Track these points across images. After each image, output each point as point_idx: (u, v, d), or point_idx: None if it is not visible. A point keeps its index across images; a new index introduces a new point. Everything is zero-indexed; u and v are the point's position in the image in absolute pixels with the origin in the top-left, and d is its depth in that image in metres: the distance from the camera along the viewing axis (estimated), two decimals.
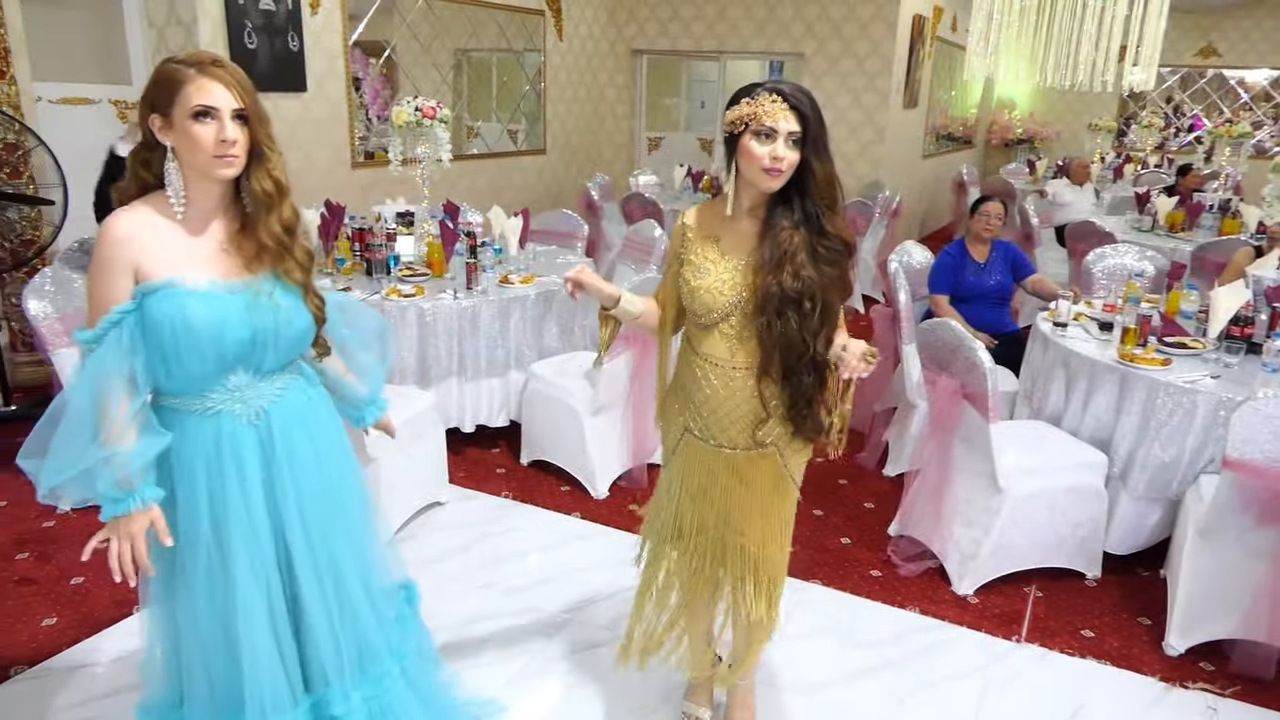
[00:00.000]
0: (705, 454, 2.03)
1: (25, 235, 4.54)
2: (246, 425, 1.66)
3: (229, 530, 1.66)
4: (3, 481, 3.68)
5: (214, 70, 1.55)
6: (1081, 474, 3.11)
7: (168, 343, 1.55)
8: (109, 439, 1.53)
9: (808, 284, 1.83)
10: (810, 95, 1.81)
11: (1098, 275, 4.70)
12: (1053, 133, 13.19)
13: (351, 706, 1.79)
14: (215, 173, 1.57)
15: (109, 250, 1.55)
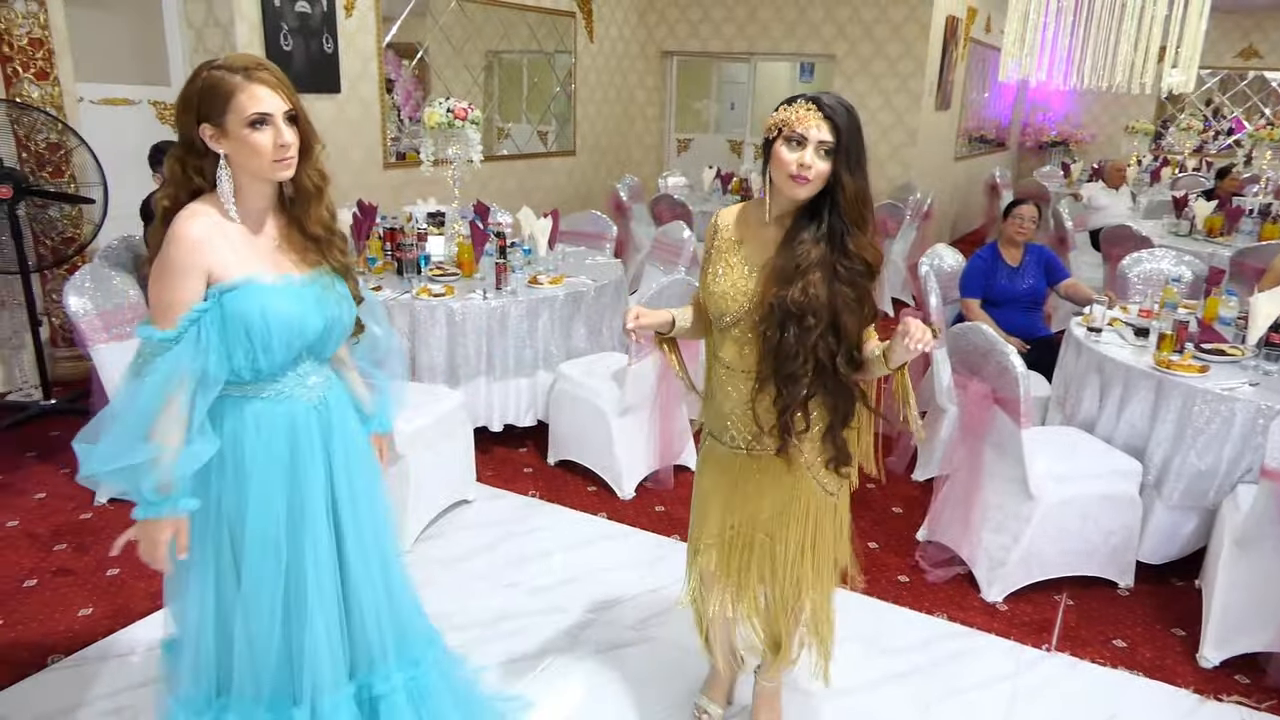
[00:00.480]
0: (723, 455, 2.06)
1: (66, 233, 4.64)
2: (312, 410, 1.74)
3: (303, 513, 1.71)
4: (42, 474, 3.76)
5: (261, 75, 1.57)
6: (1115, 482, 3.06)
7: (255, 335, 1.60)
8: (162, 437, 1.55)
9: (813, 301, 1.80)
10: (850, 109, 1.79)
11: (1133, 280, 4.63)
12: (1088, 135, 13.00)
13: (393, 686, 1.84)
14: (274, 175, 1.62)
15: (182, 254, 1.56)
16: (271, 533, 1.70)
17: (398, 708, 1.85)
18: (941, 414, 3.83)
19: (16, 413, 4.34)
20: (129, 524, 1.66)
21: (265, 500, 1.68)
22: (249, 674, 1.75)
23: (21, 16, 4.39)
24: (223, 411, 1.66)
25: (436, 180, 4.63)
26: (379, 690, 1.84)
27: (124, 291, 3.64)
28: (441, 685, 1.95)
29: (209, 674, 1.77)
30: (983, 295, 4.23)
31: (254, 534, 1.69)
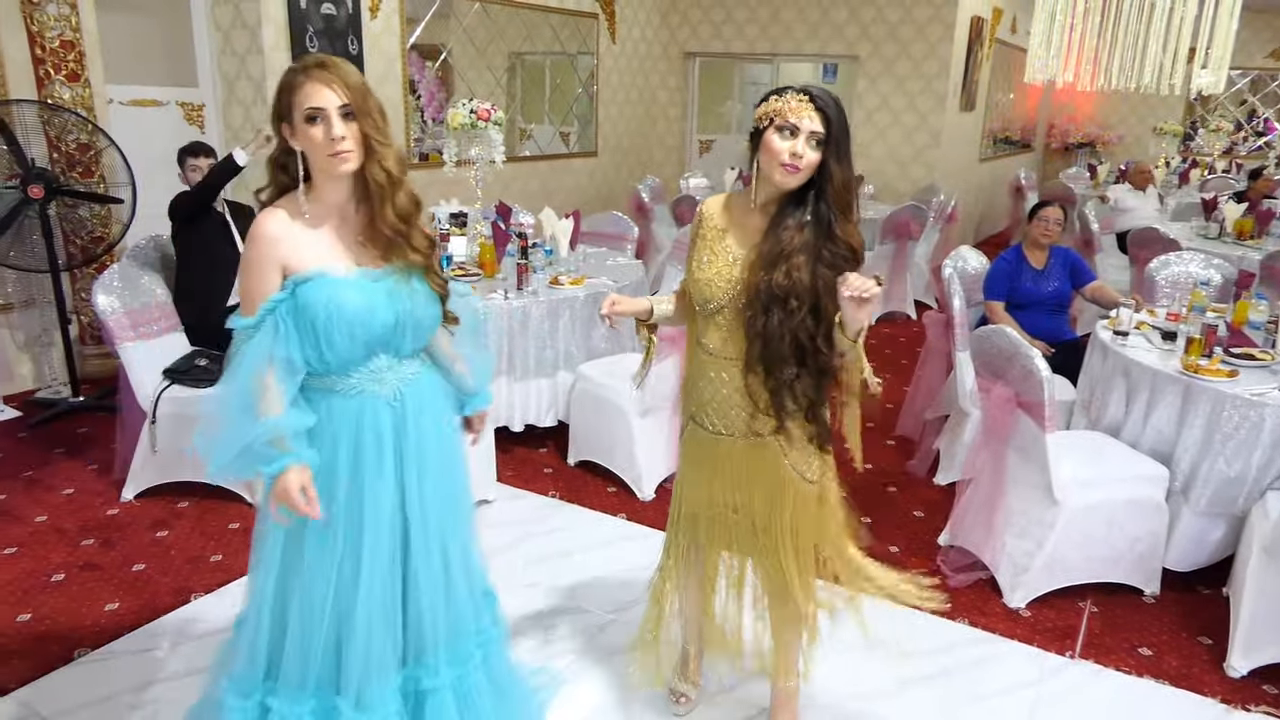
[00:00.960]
0: (707, 441, 2.09)
1: (95, 232, 4.70)
2: (385, 405, 1.77)
3: (363, 503, 1.75)
4: (70, 470, 3.82)
5: (317, 72, 1.64)
6: (1141, 487, 3.03)
7: (321, 326, 1.66)
8: (266, 412, 1.65)
9: (797, 284, 1.85)
10: (838, 101, 1.84)
11: (1161, 283, 4.58)
12: (1115, 136, 12.86)
13: (440, 682, 1.87)
14: (333, 169, 1.67)
15: (259, 249, 1.68)
16: (331, 521, 1.74)
17: (444, 706, 1.87)
18: (964, 418, 3.80)
19: (46, 409, 4.41)
20: (157, 518, 1.70)
21: (326, 490, 1.73)
22: (297, 659, 1.79)
23: (54, 19, 4.47)
24: (308, 402, 1.74)
25: (459, 181, 4.65)
26: (426, 685, 1.86)
27: (151, 290, 3.69)
28: (485, 683, 1.96)
29: (262, 655, 1.82)
30: (1007, 298, 4.19)
31: (314, 522, 1.73)
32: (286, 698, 1.79)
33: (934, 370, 4.29)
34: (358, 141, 1.66)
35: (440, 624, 1.87)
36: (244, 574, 3.06)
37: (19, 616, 2.79)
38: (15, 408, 4.46)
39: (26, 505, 3.51)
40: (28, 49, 4.47)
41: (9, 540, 3.23)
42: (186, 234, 4.06)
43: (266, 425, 1.65)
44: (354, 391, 1.74)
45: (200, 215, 4.05)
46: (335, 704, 1.78)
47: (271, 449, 1.66)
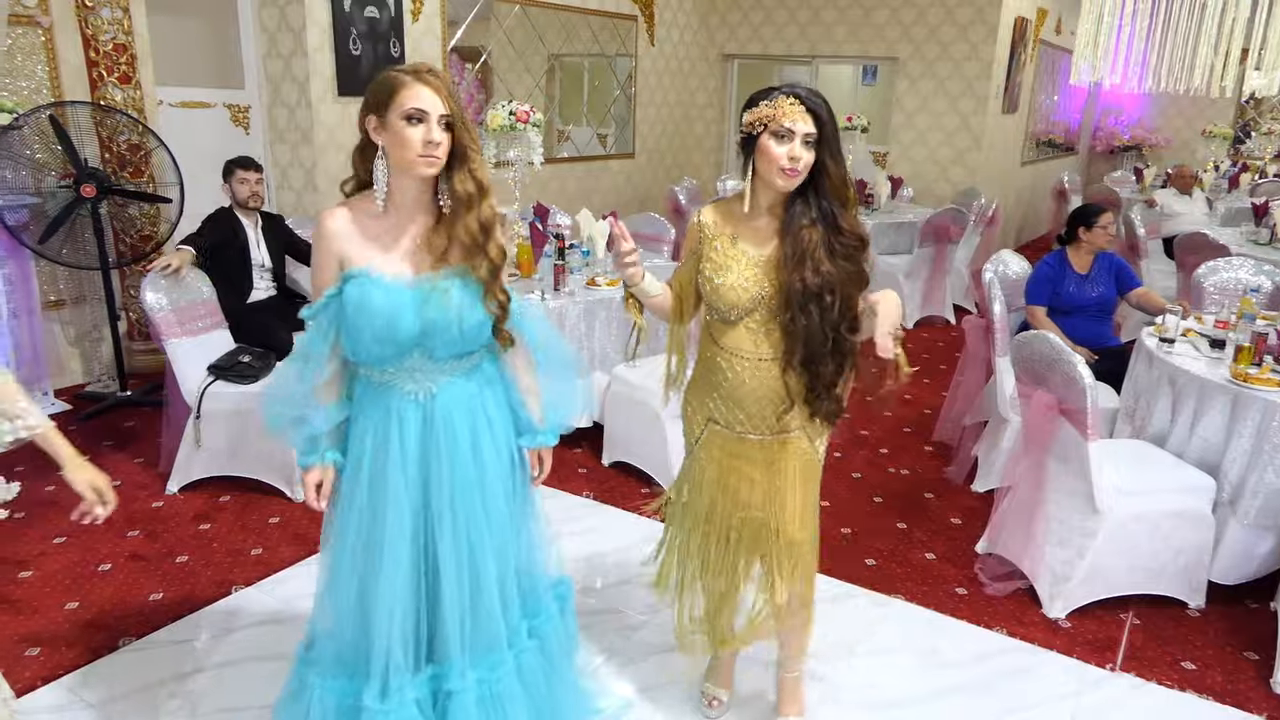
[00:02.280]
0: (730, 442, 2.10)
1: (144, 231, 4.81)
2: (414, 402, 1.81)
3: (384, 495, 1.80)
4: (117, 463, 3.91)
5: (427, 78, 1.70)
6: (1186, 498, 2.96)
7: (351, 320, 1.74)
8: (319, 395, 1.79)
9: (828, 278, 1.90)
10: (824, 98, 1.89)
11: (1209, 290, 4.47)
12: (1163, 139, 12.59)
13: (465, 685, 1.88)
14: (418, 170, 1.71)
15: (321, 244, 1.78)
16: (353, 504, 1.81)
17: (465, 708, 1.88)
18: (1003, 424, 3.75)
19: (95, 403, 4.53)
20: (199, 511, 1.77)
21: (352, 473, 1.82)
22: (330, 640, 1.86)
23: (107, 23, 4.58)
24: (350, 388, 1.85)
25: (497, 182, 4.64)
26: (451, 686, 1.88)
27: (198, 288, 3.77)
28: (518, 691, 1.96)
29: (310, 630, 1.92)
30: (1049, 303, 4.12)
31: (341, 502, 1.83)
32: (322, 673, 1.87)
33: (973, 376, 4.23)
34: (446, 150, 1.71)
35: (465, 628, 1.87)
36: (284, 568, 3.13)
37: (67, 605, 2.86)
38: (65, 401, 4.58)
39: (76, 497, 3.58)
40: (82, 52, 4.59)
41: (58, 530, 3.31)
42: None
43: (310, 420, 1.78)
44: (386, 384, 1.81)
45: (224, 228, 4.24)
46: (360, 688, 1.83)
47: (306, 444, 1.80)
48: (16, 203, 4.21)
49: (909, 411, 4.89)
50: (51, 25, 4.46)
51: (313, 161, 5.52)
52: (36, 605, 2.85)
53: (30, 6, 4.37)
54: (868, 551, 3.37)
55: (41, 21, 4.43)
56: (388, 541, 1.80)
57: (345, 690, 1.85)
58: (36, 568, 3.07)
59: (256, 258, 4.36)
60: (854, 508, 3.71)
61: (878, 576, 3.19)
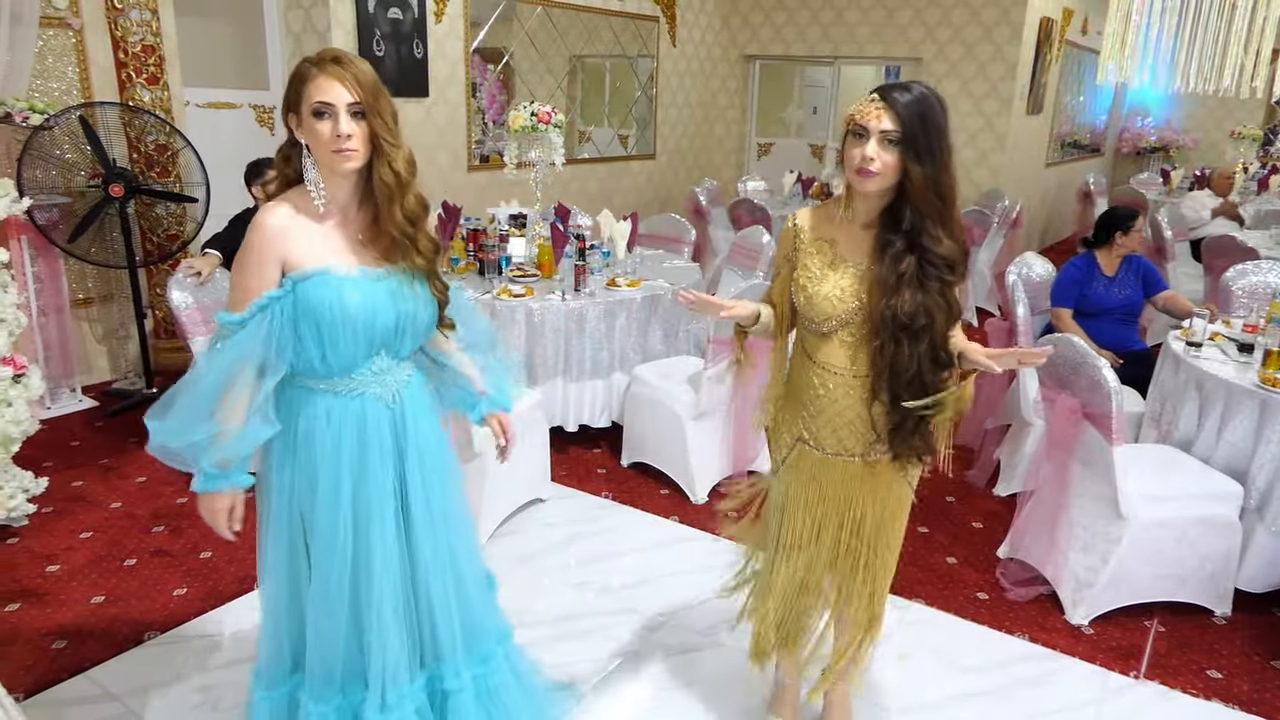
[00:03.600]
0: (818, 463, 1.99)
1: (170, 230, 4.87)
2: (385, 407, 1.76)
3: (369, 508, 1.75)
4: (144, 459, 3.96)
5: (331, 68, 1.61)
6: (1213, 504, 2.92)
7: (325, 325, 1.64)
8: (225, 418, 1.62)
9: (920, 309, 1.79)
10: (922, 97, 1.73)
11: (1237, 293, 4.41)
12: (1190, 140, 12.43)
13: (463, 683, 1.87)
14: (336, 166, 1.63)
15: (259, 242, 1.63)
16: (338, 525, 1.73)
17: (465, 706, 1.88)
18: (1026, 428, 3.71)
19: (121, 400, 4.59)
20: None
21: (332, 493, 1.72)
22: (319, 657, 1.80)
23: (136, 25, 4.64)
24: (297, 402, 1.72)
25: (519, 183, 4.71)
26: (449, 686, 1.87)
27: (224, 288, 3.81)
28: (511, 681, 1.97)
29: (286, 650, 1.84)
30: (1075, 305, 4.07)
31: (321, 525, 1.73)
32: (314, 694, 1.81)
33: (995, 378, 4.18)
34: (364, 141, 1.62)
35: (456, 624, 1.87)
36: None
37: (93, 598, 2.90)
38: (93, 398, 4.65)
39: (102, 492, 3.65)
40: (112, 54, 4.66)
41: (86, 525, 3.36)
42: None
43: (220, 442, 1.62)
44: (355, 393, 1.72)
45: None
46: (359, 699, 1.81)
47: (215, 468, 1.64)
48: (47, 202, 4.28)
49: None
50: (82, 27, 4.53)
51: None
52: (63, 598, 2.89)
53: (61, 9, 4.44)
54: None
55: (72, 23, 4.49)
56: (377, 554, 1.75)
57: (342, 708, 1.82)
58: (63, 562, 3.11)
59: None
60: None
61: (898, 580, 3.15)
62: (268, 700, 1.85)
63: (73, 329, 4.58)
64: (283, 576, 1.80)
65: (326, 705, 1.81)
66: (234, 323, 1.62)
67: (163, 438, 1.62)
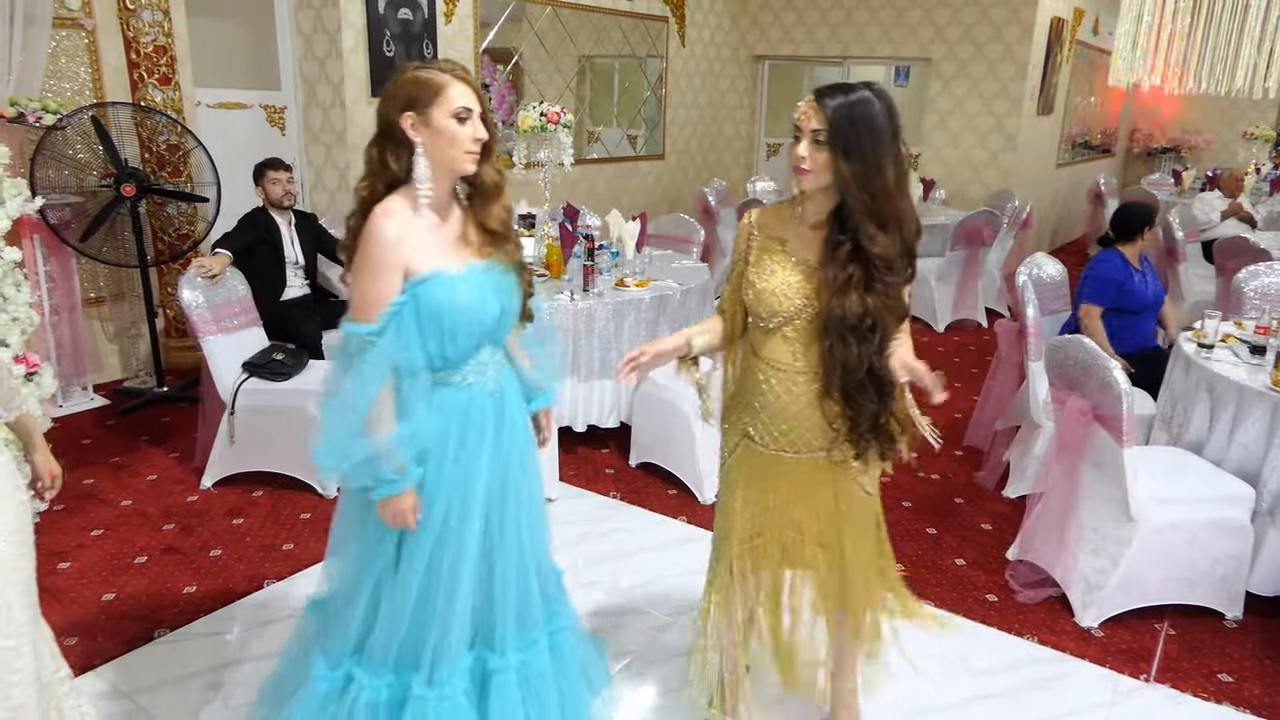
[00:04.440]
0: (763, 460, 2.00)
1: (182, 230, 4.90)
2: (487, 396, 1.84)
3: (468, 494, 1.81)
4: (154, 457, 3.98)
5: (467, 77, 1.74)
6: (1224, 507, 2.90)
7: (445, 323, 1.73)
8: (380, 427, 1.70)
9: (870, 309, 1.80)
10: (859, 99, 1.73)
11: (1249, 295, 4.38)
12: (1202, 141, 12.36)
13: (508, 664, 1.91)
14: (462, 166, 1.74)
15: (383, 252, 1.69)
16: (435, 514, 1.79)
17: (507, 687, 1.90)
18: (1036, 430, 3.70)
19: (132, 398, 4.61)
20: (233, 506, 1.76)
21: (435, 483, 1.79)
22: (384, 639, 1.85)
23: (148, 25, 4.67)
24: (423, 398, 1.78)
25: (528, 183, 4.71)
26: (493, 665, 1.91)
27: (234, 286, 3.83)
28: (549, 670, 1.99)
29: (354, 634, 1.88)
30: (1115, 304, 3.98)
31: (425, 513, 1.79)
32: (371, 671, 1.86)
33: (1005, 380, 4.18)
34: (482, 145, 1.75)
35: (511, 609, 1.91)
36: (314, 563, 3.16)
37: (104, 596, 2.92)
38: (104, 396, 4.67)
39: (113, 490, 3.67)
40: (124, 54, 4.68)
41: (97, 523, 3.38)
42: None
43: (389, 452, 1.70)
44: (463, 384, 1.80)
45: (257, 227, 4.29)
46: (409, 679, 1.85)
47: (393, 474, 1.71)
48: (59, 201, 4.31)
49: (939, 416, 4.82)
50: (95, 28, 4.56)
51: (346, 162, 5.58)
52: (74, 595, 2.91)
53: (74, 10, 4.47)
54: (897, 557, 3.29)
55: (85, 24, 4.52)
56: (469, 539, 1.81)
57: (394, 684, 1.86)
58: (74, 559, 3.13)
59: (290, 256, 4.42)
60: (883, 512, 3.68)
61: (907, 582, 3.15)
62: (327, 680, 1.89)
63: (84, 328, 4.60)
64: (374, 564, 1.85)
65: (380, 680, 1.86)
66: (373, 333, 1.69)
67: (333, 462, 1.71)
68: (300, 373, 3.71)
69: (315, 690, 1.88)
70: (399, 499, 1.74)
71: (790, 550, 2.07)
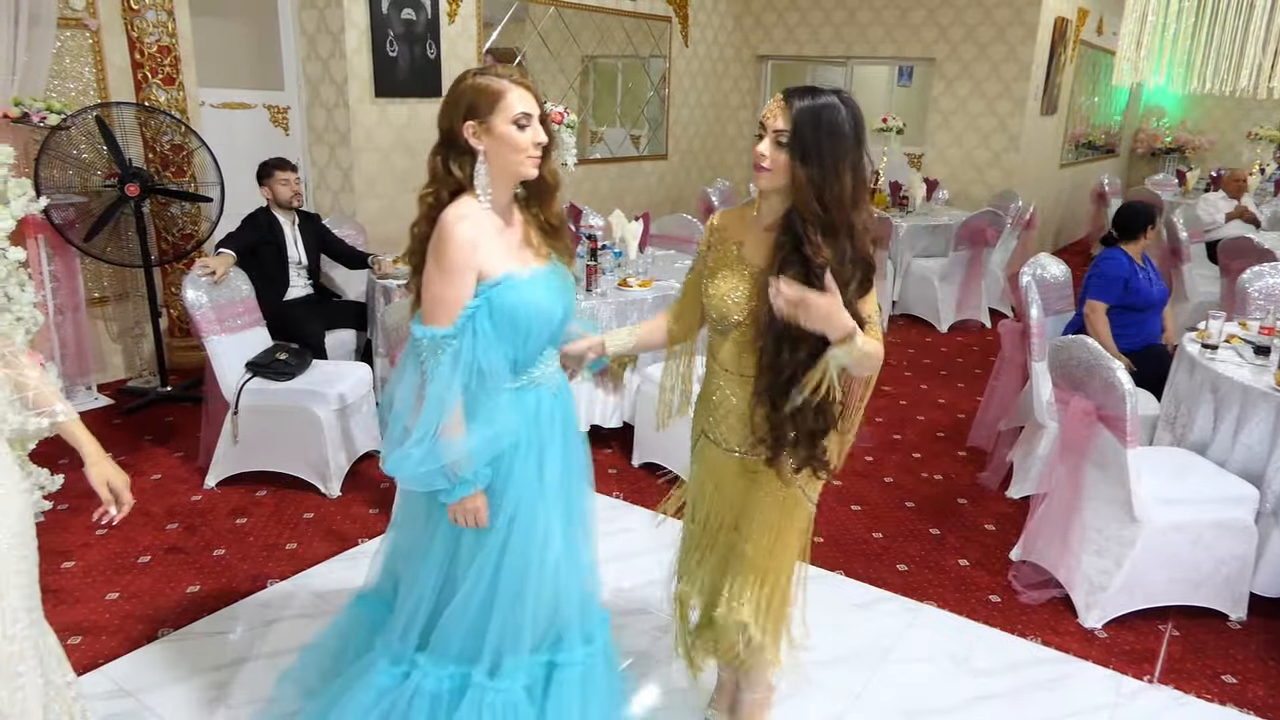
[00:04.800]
0: (718, 457, 2.02)
1: (185, 230, 4.91)
2: (553, 396, 1.88)
3: (539, 493, 1.83)
4: (158, 456, 3.99)
5: (525, 81, 1.74)
6: (1229, 508, 2.90)
7: (521, 326, 1.75)
8: (450, 429, 1.70)
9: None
10: (826, 103, 1.70)
11: (1254, 295, 4.37)
12: (1206, 141, 12.33)
13: (572, 659, 1.92)
14: (525, 171, 1.75)
15: (460, 255, 1.70)
16: (506, 512, 1.81)
17: (569, 682, 1.92)
18: (1039, 430, 3.69)
19: (136, 398, 4.62)
20: (236, 506, 1.76)
21: (505, 482, 1.80)
22: (450, 633, 1.86)
23: (152, 25, 4.68)
24: (493, 401, 1.78)
25: None
26: (557, 659, 1.92)
27: (237, 286, 3.83)
28: (603, 669, 2.00)
29: (416, 632, 1.90)
30: (1121, 301, 3.99)
31: (493, 512, 1.81)
32: (434, 663, 1.88)
33: (1008, 380, 4.18)
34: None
35: (575, 603, 1.93)
36: (317, 563, 3.16)
37: (108, 595, 2.92)
38: (108, 396, 4.68)
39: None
40: (128, 54, 4.69)
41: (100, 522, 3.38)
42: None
43: (466, 457, 1.71)
44: (532, 386, 1.83)
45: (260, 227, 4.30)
46: (470, 669, 1.86)
47: (469, 476, 1.72)
48: (63, 201, 4.31)
49: (943, 417, 4.84)
50: (99, 28, 4.56)
51: (350, 162, 5.59)
52: (78, 595, 2.92)
53: (78, 10, 4.48)
54: (899, 557, 3.34)
55: (89, 24, 4.53)
56: (537, 536, 1.82)
57: (455, 675, 1.87)
58: (79, 558, 3.14)
59: (293, 256, 4.42)
60: (885, 512, 3.68)
61: (909, 582, 3.16)
62: (389, 675, 1.90)
63: (88, 327, 4.61)
64: (441, 563, 1.86)
65: (443, 671, 1.87)
66: (449, 335, 1.69)
67: (410, 468, 1.70)
68: (303, 373, 3.72)
69: (374, 683, 1.89)
70: (472, 499, 1.76)
71: (731, 551, 2.06)
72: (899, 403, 5.01)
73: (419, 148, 5.99)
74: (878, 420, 4.70)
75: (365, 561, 3.14)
